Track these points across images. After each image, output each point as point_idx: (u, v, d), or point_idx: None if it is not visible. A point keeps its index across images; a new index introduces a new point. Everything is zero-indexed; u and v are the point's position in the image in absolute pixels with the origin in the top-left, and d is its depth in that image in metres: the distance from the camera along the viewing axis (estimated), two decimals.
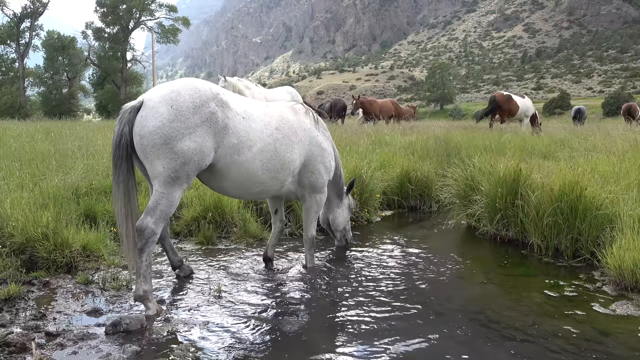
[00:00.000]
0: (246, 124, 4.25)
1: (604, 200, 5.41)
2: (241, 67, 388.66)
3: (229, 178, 4.30)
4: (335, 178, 5.55)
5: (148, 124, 3.84)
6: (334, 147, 5.37)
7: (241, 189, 4.49)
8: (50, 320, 3.79)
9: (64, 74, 56.03)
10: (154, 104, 3.90)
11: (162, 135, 3.82)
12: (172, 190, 3.94)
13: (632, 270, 4.31)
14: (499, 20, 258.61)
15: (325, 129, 5.20)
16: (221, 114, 4.07)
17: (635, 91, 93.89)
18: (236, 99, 4.37)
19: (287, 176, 4.66)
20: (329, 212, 5.91)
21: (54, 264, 4.76)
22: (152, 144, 3.84)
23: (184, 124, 3.86)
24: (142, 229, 3.88)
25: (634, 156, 7.27)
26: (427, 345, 3.52)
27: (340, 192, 5.79)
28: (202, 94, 4.01)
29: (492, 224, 6.32)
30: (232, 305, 4.23)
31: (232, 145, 4.14)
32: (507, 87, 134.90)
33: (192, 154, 3.90)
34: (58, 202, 5.66)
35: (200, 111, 3.94)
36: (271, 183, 4.55)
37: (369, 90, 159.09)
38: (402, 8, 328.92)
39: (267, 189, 4.61)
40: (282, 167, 4.54)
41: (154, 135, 3.82)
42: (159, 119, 3.84)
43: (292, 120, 4.74)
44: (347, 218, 5.97)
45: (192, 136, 3.89)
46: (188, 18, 58.56)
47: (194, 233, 6.32)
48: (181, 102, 3.90)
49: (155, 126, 3.83)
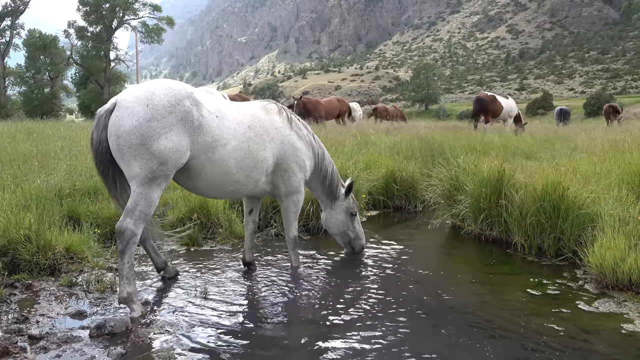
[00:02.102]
0: (220, 122, 4.26)
1: (585, 200, 5.49)
2: (226, 67, 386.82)
3: (203, 177, 4.29)
4: (320, 178, 5.42)
5: (124, 124, 3.81)
6: (319, 146, 5.32)
7: (215, 188, 4.47)
8: (34, 324, 3.74)
9: (46, 73, 55.25)
10: (129, 104, 3.88)
11: (139, 134, 3.79)
12: (150, 190, 3.92)
13: (613, 268, 4.38)
14: (482, 21, 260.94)
15: (300, 128, 5.08)
16: (196, 113, 4.06)
17: (616, 92, 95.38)
18: (209, 99, 4.37)
19: (260, 175, 4.65)
20: (324, 217, 5.77)
21: (36, 266, 4.70)
22: (129, 144, 3.81)
23: (161, 123, 3.85)
24: (122, 230, 3.87)
25: (615, 156, 7.39)
26: (414, 344, 3.54)
27: (332, 194, 5.59)
28: (176, 93, 4.01)
29: (476, 223, 6.37)
30: (218, 306, 4.22)
31: (207, 144, 4.13)
32: (491, 87, 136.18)
33: (170, 154, 3.88)
34: (41, 204, 5.59)
35: (176, 110, 3.93)
36: (245, 182, 4.55)
37: (354, 91, 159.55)
38: (387, 9, 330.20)
39: (241, 188, 4.60)
40: (255, 165, 4.54)
41: (131, 135, 3.80)
42: (136, 118, 3.81)
43: (264, 119, 4.73)
44: (343, 221, 5.64)
45: (169, 135, 3.88)
46: (172, 17, 58.16)
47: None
48: (157, 101, 3.89)
49: (132, 126, 3.80)
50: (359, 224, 5.79)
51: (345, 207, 5.65)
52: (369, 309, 4.17)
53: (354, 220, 5.71)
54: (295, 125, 5.03)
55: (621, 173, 6.43)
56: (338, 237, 5.78)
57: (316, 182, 5.46)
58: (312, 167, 5.21)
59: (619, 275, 4.35)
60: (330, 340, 3.61)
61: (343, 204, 5.65)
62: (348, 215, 5.65)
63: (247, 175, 4.52)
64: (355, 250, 5.75)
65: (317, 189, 5.58)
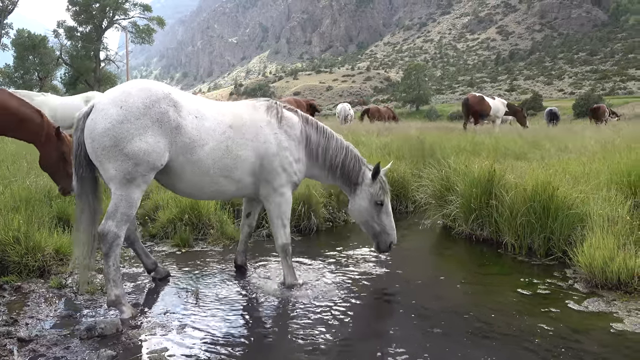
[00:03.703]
0: (199, 122, 4.20)
1: (575, 200, 5.54)
2: (217, 68, 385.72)
3: (184, 178, 4.26)
4: (327, 169, 4.96)
5: (97, 126, 3.83)
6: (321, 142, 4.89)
7: (196, 189, 4.42)
8: (23, 326, 3.71)
9: (35, 73, 54.74)
10: (103, 106, 3.89)
11: (111, 136, 3.80)
12: (129, 191, 3.92)
13: (602, 268, 4.42)
14: (472, 22, 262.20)
15: (292, 126, 4.72)
16: (173, 114, 4.03)
17: (605, 93, 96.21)
18: (188, 99, 4.33)
19: (242, 175, 4.46)
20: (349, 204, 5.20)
21: (25, 268, 4.66)
22: (102, 146, 3.82)
23: (134, 125, 3.84)
24: (105, 233, 3.88)
25: (604, 157, 7.46)
26: (405, 345, 3.55)
27: (350, 180, 5.02)
28: (152, 94, 3.99)
29: (467, 223, 6.40)
30: (209, 308, 4.21)
31: (185, 145, 4.10)
32: (482, 88, 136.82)
33: (144, 155, 3.87)
34: (30, 205, 5.55)
35: (151, 111, 3.92)
36: (225, 182, 4.40)
37: (345, 91, 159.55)
38: (378, 9, 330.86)
39: (222, 189, 4.47)
40: (235, 165, 4.37)
41: (104, 137, 3.81)
42: (108, 120, 3.82)
43: (247, 117, 4.54)
44: (366, 210, 4.97)
45: (143, 137, 3.86)
46: (163, 18, 57.87)
47: (170, 235, 6.25)
48: (131, 103, 3.88)
49: (105, 128, 3.81)
50: (388, 216, 5.04)
51: (370, 193, 4.97)
52: (360, 310, 4.18)
53: (381, 210, 4.99)
54: (286, 124, 4.72)
55: (610, 173, 6.49)
56: (363, 227, 5.19)
57: (324, 174, 5.03)
58: (303, 170, 4.83)
59: (608, 275, 4.39)
60: (324, 341, 3.61)
61: (368, 189, 4.98)
62: (372, 203, 4.97)
63: (226, 175, 4.37)
64: (380, 248, 5.08)
65: (330, 180, 5.10)
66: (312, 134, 4.86)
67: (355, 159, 5.03)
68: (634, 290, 4.27)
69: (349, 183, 5.05)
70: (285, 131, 4.68)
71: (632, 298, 4.22)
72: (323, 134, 4.95)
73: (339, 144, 5.02)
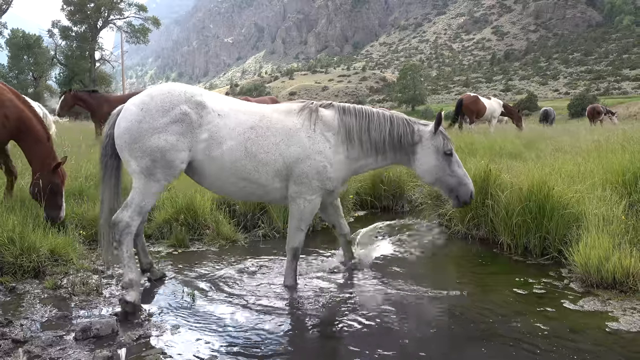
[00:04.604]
0: (220, 121, 4.31)
1: (570, 200, 5.55)
2: (213, 68, 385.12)
3: (206, 175, 4.42)
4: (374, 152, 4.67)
5: (120, 125, 4.22)
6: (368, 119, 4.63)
7: (219, 188, 4.60)
8: (17, 327, 3.69)
9: (30, 73, 54.55)
10: (129, 107, 4.26)
11: (130, 134, 4.14)
12: (146, 185, 4.19)
13: (597, 267, 4.43)
14: (468, 22, 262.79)
15: (327, 127, 4.50)
16: (194, 115, 4.22)
17: (599, 93, 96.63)
18: (216, 99, 4.47)
19: (267, 180, 4.39)
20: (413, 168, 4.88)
21: (20, 268, 4.64)
22: (123, 143, 4.19)
23: (151, 125, 4.11)
24: (116, 222, 4.18)
25: (599, 156, 7.48)
26: (401, 345, 3.55)
27: (402, 146, 4.67)
28: (173, 97, 4.23)
29: (463, 223, 6.42)
30: (204, 309, 4.20)
31: (205, 142, 4.26)
32: (477, 88, 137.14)
33: (161, 152, 4.11)
34: (25, 205, 5.52)
35: (170, 113, 4.16)
36: (246, 184, 4.41)
37: (341, 92, 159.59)
38: (373, 10, 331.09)
39: (247, 191, 4.48)
40: (257, 169, 4.32)
41: (125, 135, 4.17)
42: (129, 119, 4.18)
43: (276, 120, 4.44)
44: (436, 165, 4.63)
45: (161, 135, 4.11)
46: (158, 18, 57.69)
47: (166, 236, 6.24)
48: (151, 105, 4.18)
49: (125, 127, 4.18)
50: (459, 165, 4.75)
51: (435, 146, 4.61)
52: (355, 310, 4.17)
53: (452, 161, 4.67)
54: (322, 125, 4.50)
55: (605, 173, 6.51)
56: (437, 187, 4.93)
57: (374, 159, 4.75)
58: (342, 173, 4.61)
59: (603, 274, 4.40)
60: (321, 343, 3.61)
61: (431, 144, 4.62)
62: (441, 155, 4.63)
63: (246, 178, 4.36)
64: (462, 199, 4.76)
65: (382, 161, 4.81)
66: (352, 122, 4.60)
67: (403, 123, 4.70)
68: (629, 290, 4.29)
69: (404, 150, 4.70)
70: (322, 133, 4.49)
71: (627, 297, 4.23)
72: (363, 116, 4.65)
73: (381, 117, 4.69)
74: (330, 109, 4.68)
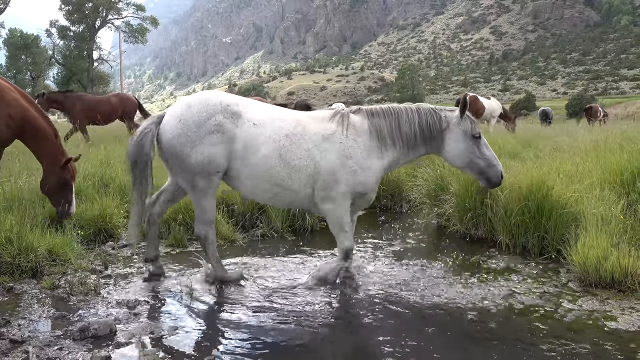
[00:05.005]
0: (256, 130, 4.37)
1: (569, 199, 5.55)
2: (211, 68, 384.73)
3: (242, 183, 4.51)
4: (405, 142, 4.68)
5: (162, 137, 4.35)
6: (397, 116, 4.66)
7: (254, 195, 4.67)
8: (15, 327, 3.68)
9: (28, 73, 54.44)
10: (168, 118, 4.39)
11: (173, 148, 4.28)
12: (198, 199, 4.45)
13: (596, 266, 4.43)
14: (466, 22, 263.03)
15: (358, 133, 4.53)
16: (230, 124, 4.30)
17: (597, 93, 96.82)
18: (251, 107, 4.51)
19: (300, 187, 4.45)
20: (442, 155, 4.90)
21: (18, 268, 4.63)
22: (167, 156, 4.39)
23: (189, 138, 4.23)
24: (197, 236, 4.62)
25: (597, 156, 7.48)
26: (400, 344, 3.55)
27: (432, 135, 4.71)
28: (209, 107, 4.31)
29: (461, 223, 6.41)
30: (203, 309, 4.19)
31: (240, 151, 4.34)
32: (475, 88, 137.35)
33: (203, 165, 4.25)
34: (22, 205, 5.50)
35: (206, 124, 4.24)
36: (279, 190, 4.48)
37: (339, 91, 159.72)
38: (372, 10, 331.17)
39: (280, 198, 4.58)
40: (290, 176, 4.39)
41: (169, 148, 4.32)
42: (170, 132, 4.30)
43: (310, 126, 4.51)
44: (466, 149, 4.67)
45: (199, 148, 4.23)
46: (156, 17, 57.64)
47: (164, 235, 6.22)
48: (188, 116, 4.27)
49: (167, 139, 4.31)
50: (488, 148, 4.79)
51: (463, 130, 4.67)
52: (353, 309, 4.17)
53: (480, 144, 4.72)
54: (353, 130, 4.53)
55: (603, 172, 6.51)
56: (467, 170, 4.91)
57: (406, 154, 4.77)
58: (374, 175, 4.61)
59: (601, 274, 4.40)
60: (321, 344, 3.61)
61: (458, 129, 4.68)
62: (469, 139, 4.68)
63: (279, 184, 4.43)
64: (492, 180, 4.79)
65: (413, 154, 4.83)
66: (382, 123, 4.63)
67: (430, 113, 4.75)
68: (628, 289, 4.29)
69: (434, 140, 4.74)
70: (353, 139, 4.52)
71: (625, 296, 4.24)
72: (392, 115, 4.69)
73: (409, 111, 4.73)
74: (358, 114, 4.71)
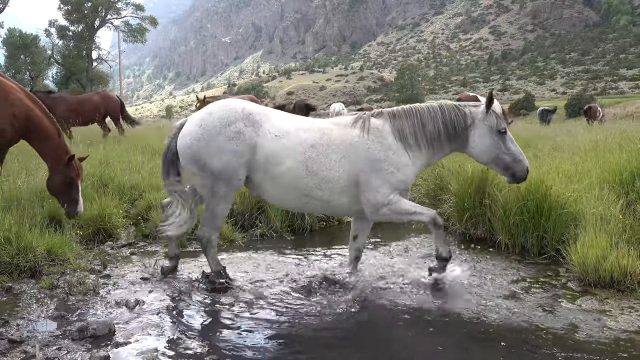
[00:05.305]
0: (278, 142, 4.31)
1: (568, 199, 5.55)
2: (210, 67, 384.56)
3: (266, 192, 4.51)
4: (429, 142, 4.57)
5: (181, 142, 4.37)
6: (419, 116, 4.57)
7: (280, 203, 4.72)
8: (13, 327, 3.67)
9: (27, 73, 54.30)
10: (189, 123, 4.40)
11: (190, 153, 4.28)
12: (212, 204, 4.44)
13: (595, 266, 4.43)
14: (465, 22, 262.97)
15: (382, 135, 4.44)
16: (251, 133, 4.26)
17: (596, 92, 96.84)
18: (272, 116, 4.46)
19: (331, 196, 4.40)
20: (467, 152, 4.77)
21: (17, 268, 4.62)
22: (185, 161, 4.38)
23: (208, 144, 4.22)
24: (200, 237, 4.62)
25: (596, 156, 7.49)
26: (398, 344, 3.55)
27: (456, 131, 4.59)
28: (230, 114, 4.30)
29: (461, 222, 6.41)
30: (202, 309, 4.19)
31: (261, 162, 4.30)
32: (474, 88, 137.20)
33: (220, 172, 4.24)
34: (21, 205, 5.50)
35: (226, 131, 4.23)
36: (307, 200, 4.45)
37: (339, 91, 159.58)
38: (371, 9, 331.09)
39: (309, 206, 4.62)
40: (319, 186, 4.34)
41: (185, 153, 4.33)
42: (188, 137, 4.31)
43: (335, 135, 4.43)
44: (491, 144, 4.57)
45: (219, 154, 4.21)
46: (155, 17, 57.60)
47: None
48: (209, 122, 4.27)
49: (185, 145, 4.32)
50: (514, 143, 4.67)
51: (489, 126, 4.58)
52: (353, 309, 4.17)
53: (506, 139, 4.61)
54: (377, 133, 4.45)
55: (602, 172, 6.52)
56: (492, 165, 4.78)
57: (431, 154, 4.66)
58: (411, 173, 4.54)
59: (601, 273, 4.40)
60: (313, 340, 3.60)
61: (484, 124, 4.58)
62: (495, 134, 4.57)
63: (308, 194, 4.39)
64: (518, 176, 4.67)
65: (440, 153, 4.76)
66: (404, 124, 4.54)
67: (454, 109, 4.64)
68: (627, 289, 4.29)
69: (459, 137, 4.63)
70: (380, 142, 4.43)
71: (625, 296, 4.24)
72: (414, 115, 4.59)
73: (432, 110, 4.62)
74: (380, 117, 4.60)
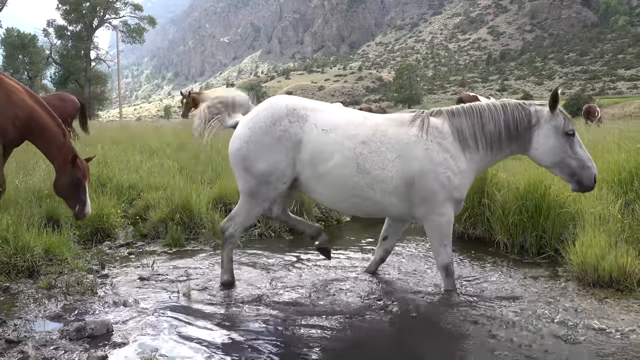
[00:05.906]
0: (325, 136, 4.13)
1: (566, 198, 5.55)
2: (209, 67, 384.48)
3: (314, 191, 4.34)
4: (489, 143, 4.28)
5: (232, 144, 4.35)
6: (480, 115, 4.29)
7: (329, 202, 4.49)
8: (11, 327, 3.66)
9: (25, 72, 54.39)
10: (240, 125, 4.37)
11: (240, 156, 4.26)
12: (250, 204, 4.41)
13: (594, 266, 4.43)
14: (464, 22, 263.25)
15: (442, 135, 4.19)
16: (295, 129, 4.16)
17: (595, 93, 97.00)
18: (319, 110, 4.30)
19: (383, 197, 4.16)
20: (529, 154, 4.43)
21: (14, 268, 4.60)
22: (234, 163, 4.38)
23: (256, 146, 4.17)
24: (223, 230, 4.57)
25: (595, 155, 7.49)
26: (398, 344, 3.54)
27: (518, 131, 4.29)
28: (275, 112, 4.21)
29: (459, 222, 6.41)
30: (200, 308, 4.17)
31: (308, 159, 4.16)
32: (473, 88, 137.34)
33: (267, 175, 4.19)
34: (19, 205, 5.48)
35: (272, 130, 4.15)
36: (358, 201, 4.22)
37: (337, 91, 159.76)
38: (369, 9, 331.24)
39: (358, 207, 4.34)
40: (371, 186, 4.11)
41: (235, 156, 4.31)
42: (239, 140, 4.28)
43: (391, 133, 4.19)
44: (556, 146, 4.23)
45: (265, 156, 4.16)
46: (154, 17, 57.62)
47: (162, 235, 6.20)
48: (256, 123, 4.22)
49: (236, 147, 4.30)
50: (582, 147, 4.30)
51: (555, 126, 4.23)
52: (351, 309, 4.16)
53: (573, 142, 4.25)
54: (436, 134, 4.20)
55: (601, 172, 6.52)
56: (556, 170, 4.38)
57: (491, 156, 4.40)
58: (468, 178, 4.31)
59: (600, 273, 4.40)
60: (322, 346, 3.59)
61: (549, 125, 4.24)
62: (561, 136, 4.22)
63: (358, 194, 4.17)
64: (585, 184, 4.29)
65: (500, 155, 4.47)
66: (464, 124, 4.27)
67: (517, 108, 4.34)
68: (626, 288, 4.29)
69: (521, 137, 4.33)
70: (438, 143, 4.18)
71: (624, 296, 4.23)
72: (474, 114, 4.32)
73: (493, 109, 4.35)
74: (439, 116, 4.37)
